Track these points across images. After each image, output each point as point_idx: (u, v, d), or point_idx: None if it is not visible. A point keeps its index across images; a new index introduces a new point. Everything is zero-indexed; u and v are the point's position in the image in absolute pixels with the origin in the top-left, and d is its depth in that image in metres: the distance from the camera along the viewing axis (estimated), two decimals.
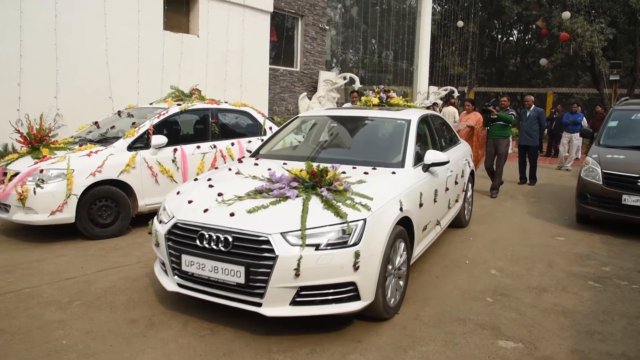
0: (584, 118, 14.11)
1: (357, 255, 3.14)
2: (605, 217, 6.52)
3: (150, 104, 7.52)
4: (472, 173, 6.71)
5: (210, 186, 3.87)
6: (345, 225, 3.19)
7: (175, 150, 6.37)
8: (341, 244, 3.16)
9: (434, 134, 5.43)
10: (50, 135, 6.13)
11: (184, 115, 6.79)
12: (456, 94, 20.06)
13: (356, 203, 3.36)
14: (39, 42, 7.84)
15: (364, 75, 21.62)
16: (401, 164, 4.30)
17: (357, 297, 3.24)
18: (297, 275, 3.05)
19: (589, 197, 6.55)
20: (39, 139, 5.93)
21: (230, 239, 3.20)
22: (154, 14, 9.78)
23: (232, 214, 3.33)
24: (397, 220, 3.56)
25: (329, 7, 17.72)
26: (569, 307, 4.03)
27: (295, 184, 3.58)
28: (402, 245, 3.76)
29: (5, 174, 5.50)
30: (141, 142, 6.07)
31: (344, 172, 3.84)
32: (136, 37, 9.40)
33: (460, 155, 6.04)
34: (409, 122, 4.84)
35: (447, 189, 5.08)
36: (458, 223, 6.30)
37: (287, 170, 3.79)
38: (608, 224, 6.80)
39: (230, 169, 4.37)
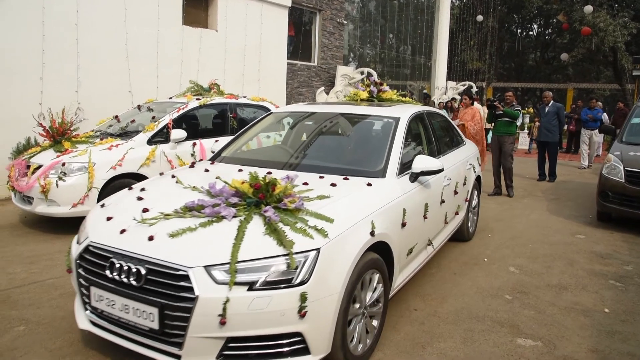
0: (604, 114, 13.76)
1: (303, 298, 2.40)
2: (627, 215, 6.43)
3: (170, 98, 7.59)
4: (478, 179, 5.90)
5: (139, 198, 3.15)
6: (292, 257, 2.44)
7: (194, 144, 6.43)
8: (283, 283, 2.41)
9: (431, 134, 4.69)
10: (71, 129, 6.24)
11: (202, 110, 6.85)
12: (474, 89, 19.88)
13: (309, 227, 2.62)
14: (60, 37, 7.94)
15: (382, 70, 21.52)
16: (381, 173, 3.54)
17: (305, 351, 2.53)
18: (222, 323, 2.34)
19: (611, 195, 6.46)
20: (61, 132, 6.03)
21: (144, 271, 2.48)
22: (173, 9, 9.84)
23: (150, 238, 2.60)
24: (368, 246, 2.85)
25: (347, 1, 17.66)
26: (589, 306, 3.98)
27: (235, 199, 2.85)
28: (377, 276, 3.04)
29: (28, 166, 5.60)
30: (161, 136, 6.14)
31: (305, 184, 3.19)
32: (155, 32, 9.46)
33: (462, 159, 5.27)
34: (396, 120, 4.08)
35: (442, 202, 4.28)
36: (460, 236, 5.51)
37: (226, 182, 3.06)
38: (630, 223, 6.70)
39: (173, 176, 3.60)
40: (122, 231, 2.74)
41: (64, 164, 5.45)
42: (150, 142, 6.03)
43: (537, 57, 34.15)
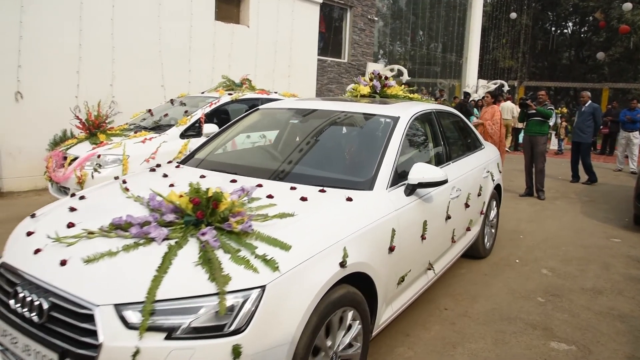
0: None
1: (236, 352, 1.86)
2: None
3: (202, 93, 7.67)
4: (498, 188, 5.21)
5: (72, 209, 2.62)
6: (222, 298, 1.88)
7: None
8: (212, 331, 1.88)
9: (439, 137, 4.04)
10: (106, 121, 6.35)
11: (234, 105, 6.90)
12: (506, 88, 19.56)
13: (256, 257, 2.05)
14: (97, 32, 8.10)
15: (412, 68, 21.35)
16: (368, 184, 2.90)
17: None
18: None
19: None
20: (96, 125, 6.15)
21: (46, 306, 1.98)
22: (206, 4, 9.94)
23: (62, 263, 2.09)
24: (337, 280, 2.27)
25: None
26: (626, 312, 3.88)
27: (171, 217, 2.28)
28: (350, 314, 2.44)
29: (65, 158, 5.74)
30: (193, 130, 6.21)
31: (270, 197, 2.61)
32: (188, 27, 9.58)
33: (478, 166, 4.57)
34: (395, 120, 3.43)
35: (448, 218, 3.64)
36: (474, 253, 4.85)
37: (160, 195, 2.46)
38: None
39: (124, 181, 3.08)
40: (37, 251, 2.23)
41: (99, 156, 5.56)
42: (182, 135, 6.11)
43: (571, 56, 33.37)
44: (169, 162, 3.74)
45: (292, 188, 2.79)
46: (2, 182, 7.29)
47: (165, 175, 3.19)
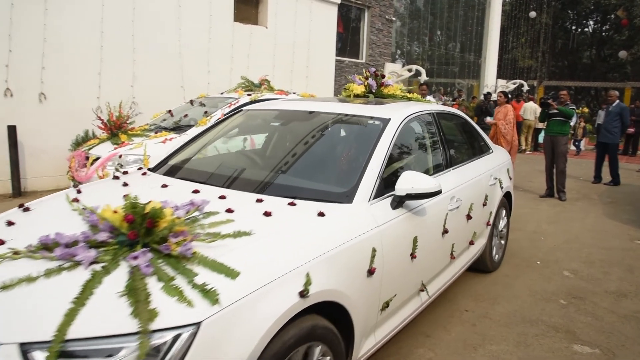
0: None
1: None
2: None
3: (221, 93, 7.73)
4: (508, 195, 4.82)
5: (9, 223, 2.29)
6: (144, 338, 1.54)
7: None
8: None
9: (438, 141, 3.66)
10: (127, 122, 6.44)
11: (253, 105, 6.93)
12: (525, 88, 19.36)
13: (194, 286, 1.69)
14: (118, 34, 8.21)
15: (430, 68, 21.25)
16: (347, 196, 2.53)
17: None
18: None
19: None
20: (117, 125, 6.24)
21: None
22: (224, 6, 10.01)
23: None
24: (295, 313, 1.92)
25: None
26: None
27: (104, 236, 1.93)
28: (318, 350, 2.11)
29: (87, 158, 5.83)
30: None
31: (229, 211, 2.26)
32: (207, 29, 9.66)
33: (484, 172, 4.17)
34: (385, 123, 3.08)
35: (445, 232, 3.23)
36: (480, 267, 4.47)
37: (92, 210, 2.12)
38: None
39: (79, 191, 2.76)
40: None
41: (120, 156, 5.63)
42: None
43: (592, 55, 32.87)
44: (140, 168, 3.36)
45: (259, 200, 2.45)
46: (25, 181, 7.43)
47: (125, 184, 2.86)
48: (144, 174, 3.15)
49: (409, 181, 2.64)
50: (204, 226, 2.07)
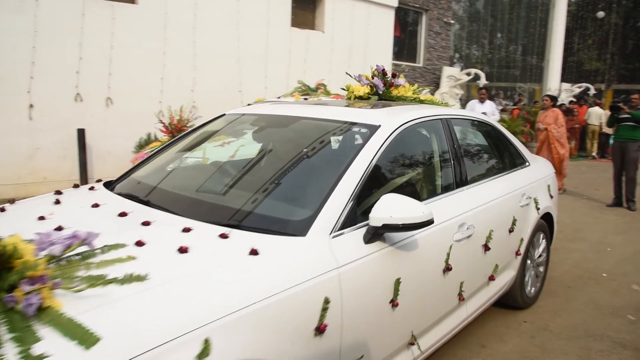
0: None
1: None
2: None
3: (278, 97, 7.82)
4: (547, 217, 4.04)
5: None
6: None
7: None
8: None
9: (449, 154, 2.99)
10: (188, 125, 6.63)
11: None
12: (592, 92, 18.54)
13: (26, 358, 1.22)
14: (179, 40, 8.50)
15: (489, 71, 20.73)
16: (301, 227, 1.99)
17: None
18: None
19: None
20: (178, 128, 6.43)
21: None
22: (282, 11, 10.16)
23: None
24: None
25: (454, 0, 17.18)
26: None
27: None
28: None
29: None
30: None
31: (140, 244, 1.79)
32: (265, 34, 9.83)
33: (512, 191, 3.44)
34: (372, 130, 2.51)
35: (448, 270, 2.57)
36: (509, 302, 3.73)
37: None
38: None
39: (2, 210, 2.31)
40: None
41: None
42: None
43: None
44: (98, 180, 2.93)
45: (186, 230, 1.94)
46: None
47: (57, 202, 2.39)
48: (91, 188, 2.68)
49: (388, 208, 2.05)
50: (90, 266, 1.58)
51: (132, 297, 1.48)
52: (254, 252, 1.78)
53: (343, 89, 3.95)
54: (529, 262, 3.80)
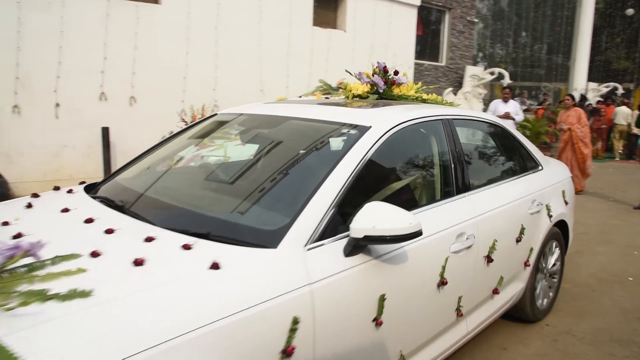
0: None
1: None
2: None
3: (299, 97, 7.83)
4: (562, 225, 3.81)
5: None
6: None
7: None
8: None
9: (450, 158, 2.79)
10: None
11: None
12: (620, 91, 18.15)
13: None
14: (202, 40, 8.57)
15: (514, 71, 20.44)
16: (272, 237, 1.84)
17: None
18: None
19: None
20: None
21: None
22: (304, 11, 10.17)
23: None
24: None
25: None
26: None
27: None
28: None
29: None
30: None
31: (95, 254, 1.67)
32: (287, 34, 9.85)
33: (520, 197, 3.22)
34: (361, 132, 2.34)
35: (442, 284, 2.38)
36: (518, 314, 3.52)
37: None
38: None
39: None
40: None
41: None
42: None
43: None
44: (81, 182, 2.78)
45: (148, 239, 1.80)
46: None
47: (29, 206, 2.30)
48: (69, 191, 2.56)
49: (372, 217, 1.86)
50: (34, 279, 1.42)
51: (68, 317, 1.33)
52: (214, 266, 1.63)
53: (340, 87, 3.81)
54: (540, 273, 3.59)
